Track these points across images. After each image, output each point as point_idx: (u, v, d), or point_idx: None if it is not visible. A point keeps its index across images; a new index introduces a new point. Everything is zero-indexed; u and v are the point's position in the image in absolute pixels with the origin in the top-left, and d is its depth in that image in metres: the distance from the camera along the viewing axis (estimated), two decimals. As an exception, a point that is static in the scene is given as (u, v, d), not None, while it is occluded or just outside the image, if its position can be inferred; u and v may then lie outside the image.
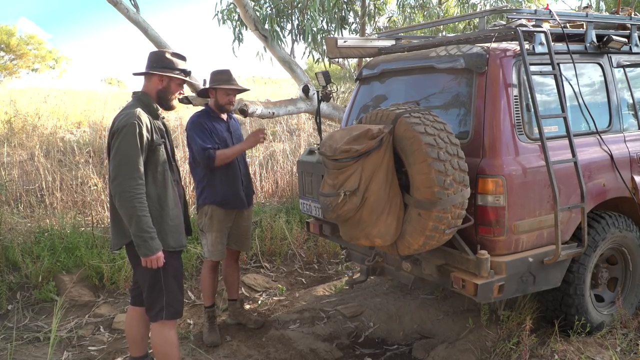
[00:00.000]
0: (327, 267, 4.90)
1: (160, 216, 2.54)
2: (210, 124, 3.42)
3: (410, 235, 2.56)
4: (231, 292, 3.75)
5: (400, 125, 2.53)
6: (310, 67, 13.18)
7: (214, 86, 3.44)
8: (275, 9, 6.25)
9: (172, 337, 2.67)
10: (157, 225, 2.50)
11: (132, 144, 2.40)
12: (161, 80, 2.61)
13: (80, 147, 7.21)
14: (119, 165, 2.40)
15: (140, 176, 2.41)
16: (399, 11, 7.70)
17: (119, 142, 2.41)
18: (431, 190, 2.42)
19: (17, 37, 20.60)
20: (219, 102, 3.47)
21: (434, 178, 2.40)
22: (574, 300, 2.97)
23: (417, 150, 2.45)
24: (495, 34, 2.88)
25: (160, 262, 2.49)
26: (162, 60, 2.60)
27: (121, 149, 2.40)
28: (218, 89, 3.44)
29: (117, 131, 2.43)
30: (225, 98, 3.46)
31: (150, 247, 2.44)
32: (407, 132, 2.50)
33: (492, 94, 2.70)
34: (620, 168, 3.04)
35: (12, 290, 4.01)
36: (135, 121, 2.42)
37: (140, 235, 2.42)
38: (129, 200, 2.38)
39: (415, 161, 2.47)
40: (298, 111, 5.84)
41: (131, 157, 2.40)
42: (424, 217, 2.48)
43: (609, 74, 3.20)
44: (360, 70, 3.69)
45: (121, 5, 5.16)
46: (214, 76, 3.50)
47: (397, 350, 3.35)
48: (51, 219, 4.98)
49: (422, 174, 2.45)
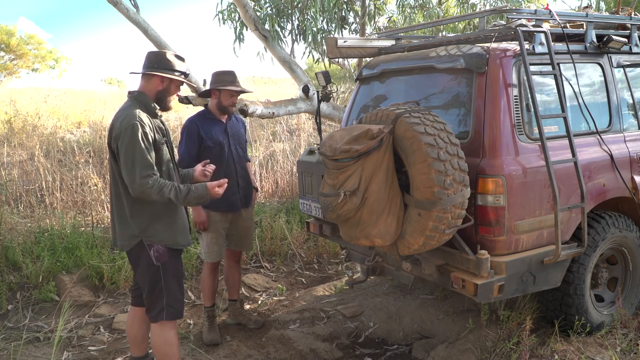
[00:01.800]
0: (327, 267, 4.90)
1: (168, 215, 2.54)
2: (206, 127, 3.38)
3: (410, 236, 2.56)
4: (232, 293, 3.73)
5: (400, 125, 2.53)
6: (310, 67, 13.18)
7: (218, 87, 3.39)
8: (275, 9, 6.25)
9: (172, 338, 2.66)
10: (166, 225, 2.51)
11: (138, 144, 2.39)
12: (162, 82, 2.59)
13: (80, 147, 7.21)
14: (132, 167, 2.39)
15: (154, 172, 2.42)
16: (398, 11, 7.70)
17: (126, 145, 2.39)
18: (431, 190, 2.42)
19: (17, 37, 20.59)
20: (222, 104, 3.42)
21: (434, 178, 2.40)
22: (574, 300, 2.97)
23: (417, 150, 2.45)
24: (495, 34, 2.88)
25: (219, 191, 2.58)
26: (163, 61, 2.58)
27: (129, 151, 2.39)
28: (222, 90, 3.39)
29: (121, 134, 2.41)
30: (229, 99, 3.42)
31: (202, 195, 2.52)
32: (407, 132, 2.50)
33: (492, 94, 2.70)
34: (620, 168, 3.04)
35: (12, 290, 4.01)
36: (137, 122, 2.41)
37: (188, 199, 2.49)
38: (155, 194, 2.40)
39: (416, 161, 2.47)
40: (298, 111, 5.84)
41: (140, 157, 2.39)
42: (424, 217, 2.48)
43: (609, 74, 3.20)
44: (360, 70, 3.69)
45: (121, 5, 5.16)
46: (218, 77, 3.44)
47: (397, 350, 3.35)
48: (51, 219, 4.99)
49: (422, 174, 2.45)
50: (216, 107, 3.45)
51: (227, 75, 3.43)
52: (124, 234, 2.55)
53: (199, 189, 2.53)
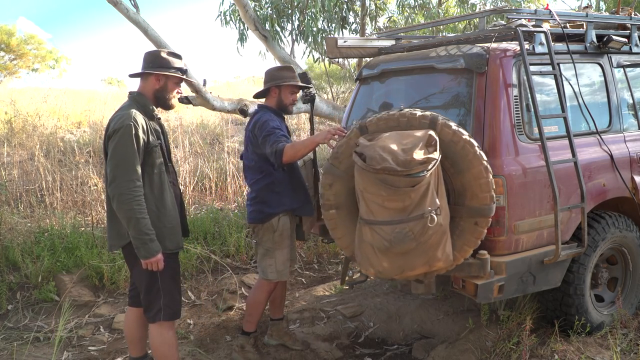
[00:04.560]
0: (327, 267, 4.89)
1: (158, 218, 2.52)
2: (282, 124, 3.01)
3: (460, 250, 2.43)
4: (277, 311, 3.39)
5: (445, 129, 2.39)
6: (310, 67, 13.18)
7: (279, 83, 3.01)
8: (275, 9, 6.25)
9: (170, 338, 2.66)
10: (155, 228, 2.49)
11: (128, 146, 2.38)
12: (158, 80, 2.59)
13: (80, 147, 7.21)
14: (116, 168, 2.39)
15: (138, 178, 2.40)
16: (399, 11, 7.71)
17: (115, 144, 2.40)
18: (489, 195, 2.36)
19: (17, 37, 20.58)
20: (284, 102, 3.07)
21: (491, 182, 2.36)
22: (574, 300, 2.97)
23: (471, 155, 2.36)
24: (495, 34, 2.88)
25: (160, 265, 2.48)
26: (158, 60, 2.58)
27: (118, 151, 2.39)
28: (283, 86, 3.03)
29: (114, 133, 2.42)
30: (289, 97, 3.08)
31: (150, 250, 2.43)
32: (455, 137, 2.38)
33: (492, 94, 2.70)
34: (620, 168, 3.04)
35: (12, 290, 4.01)
36: (131, 122, 2.40)
37: (140, 237, 2.41)
38: (127, 202, 2.37)
39: (470, 167, 2.37)
40: (298, 111, 5.84)
41: (128, 159, 2.38)
42: (481, 225, 2.37)
43: (609, 74, 3.20)
44: (360, 70, 3.69)
45: (121, 5, 5.16)
46: (276, 72, 3.07)
47: (397, 350, 3.35)
48: (51, 219, 4.98)
49: (479, 179, 2.36)
50: (276, 107, 3.09)
51: (287, 71, 3.07)
52: (113, 234, 2.56)
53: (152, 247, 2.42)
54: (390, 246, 2.27)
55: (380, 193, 2.24)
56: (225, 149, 7.18)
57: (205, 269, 4.42)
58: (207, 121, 9.86)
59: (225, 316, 3.81)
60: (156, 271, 2.52)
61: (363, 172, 2.28)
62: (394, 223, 2.24)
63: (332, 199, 2.59)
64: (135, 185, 2.39)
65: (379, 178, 2.23)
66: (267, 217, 2.99)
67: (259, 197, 3.01)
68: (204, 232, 4.89)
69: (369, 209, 2.30)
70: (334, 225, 2.63)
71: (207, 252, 4.57)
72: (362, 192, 2.32)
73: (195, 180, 6.15)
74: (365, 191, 2.30)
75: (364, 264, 2.45)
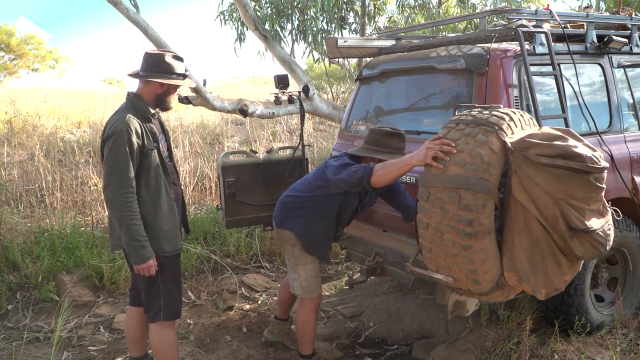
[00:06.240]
0: (327, 267, 4.89)
1: (154, 222, 2.52)
2: None
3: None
4: (284, 312, 3.39)
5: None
6: (310, 67, 13.20)
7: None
8: (275, 9, 6.25)
9: (171, 338, 2.67)
10: (152, 231, 2.50)
11: (121, 152, 2.39)
12: (161, 86, 2.57)
13: (80, 147, 7.22)
14: (109, 173, 2.40)
15: (130, 184, 2.40)
16: (399, 11, 7.71)
17: (109, 149, 2.41)
18: None
19: (17, 37, 20.60)
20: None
21: None
22: (574, 300, 2.97)
23: None
24: (496, 35, 2.88)
25: (152, 270, 2.49)
26: (162, 65, 2.55)
27: (111, 157, 2.40)
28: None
29: (108, 138, 2.42)
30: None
31: (141, 256, 2.44)
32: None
33: (492, 94, 2.70)
34: (620, 168, 3.04)
35: (12, 290, 4.01)
36: (124, 128, 2.39)
37: (131, 243, 2.42)
38: (119, 208, 2.38)
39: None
40: (298, 111, 5.83)
41: (121, 165, 2.39)
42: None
43: (610, 74, 3.20)
44: (360, 70, 3.69)
45: (121, 5, 5.15)
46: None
47: (397, 350, 3.35)
48: (51, 219, 4.98)
49: None
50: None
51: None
52: (114, 234, 2.56)
53: (143, 254, 2.43)
54: (598, 252, 2.07)
55: (590, 195, 2.01)
56: (225, 149, 7.18)
57: (205, 269, 4.42)
58: (207, 121, 9.87)
59: (225, 316, 3.82)
60: (156, 272, 2.53)
61: (566, 176, 1.97)
62: (598, 231, 2.04)
63: (487, 223, 2.03)
64: (127, 191, 2.39)
65: (594, 178, 1.99)
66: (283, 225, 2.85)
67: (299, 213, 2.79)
68: (204, 232, 4.89)
69: (580, 216, 2.00)
70: (485, 257, 2.06)
71: (207, 252, 4.57)
72: (561, 200, 2.00)
73: (195, 180, 6.15)
74: (571, 198, 2.00)
75: (540, 285, 2.11)
